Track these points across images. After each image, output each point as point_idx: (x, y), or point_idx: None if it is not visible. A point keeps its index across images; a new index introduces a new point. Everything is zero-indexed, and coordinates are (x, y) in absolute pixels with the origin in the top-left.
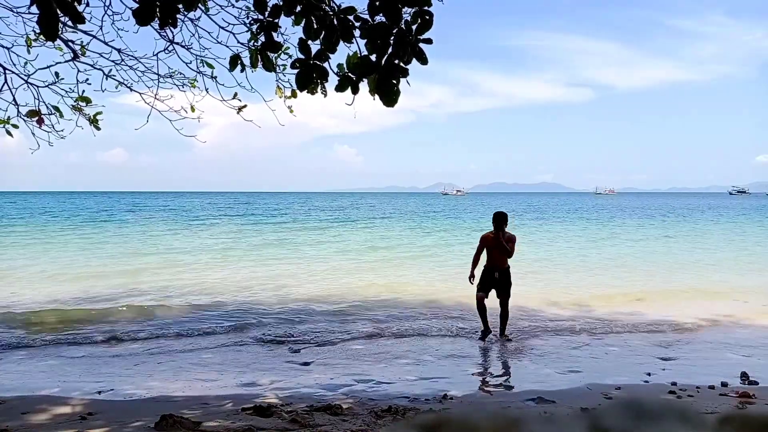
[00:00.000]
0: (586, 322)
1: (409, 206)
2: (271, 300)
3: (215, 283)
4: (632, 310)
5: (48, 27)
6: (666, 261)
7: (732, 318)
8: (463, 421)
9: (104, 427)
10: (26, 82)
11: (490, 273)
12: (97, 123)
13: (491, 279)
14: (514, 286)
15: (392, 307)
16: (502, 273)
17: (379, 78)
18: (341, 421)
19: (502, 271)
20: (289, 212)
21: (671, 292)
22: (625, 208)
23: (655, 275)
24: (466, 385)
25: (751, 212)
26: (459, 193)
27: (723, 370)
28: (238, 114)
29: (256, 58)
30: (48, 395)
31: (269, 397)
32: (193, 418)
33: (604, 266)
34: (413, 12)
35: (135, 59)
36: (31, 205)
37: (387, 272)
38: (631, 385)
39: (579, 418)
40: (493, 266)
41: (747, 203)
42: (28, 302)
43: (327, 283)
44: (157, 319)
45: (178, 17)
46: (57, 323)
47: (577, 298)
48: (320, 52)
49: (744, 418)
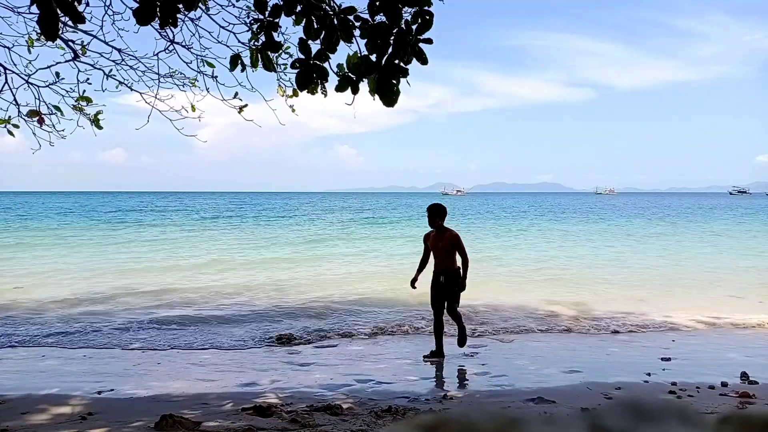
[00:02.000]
0: (586, 322)
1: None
2: (271, 300)
3: (215, 283)
4: (632, 310)
5: (48, 27)
6: (666, 261)
7: (732, 318)
8: (463, 421)
9: (104, 427)
10: (27, 82)
11: (436, 279)
12: (98, 122)
13: (438, 286)
14: None
15: (392, 307)
16: (448, 276)
17: (379, 78)
18: (341, 421)
19: (448, 273)
20: (305, 212)
21: (672, 291)
22: (629, 207)
23: (655, 275)
24: (466, 385)
25: (760, 212)
26: (459, 193)
27: (723, 370)
28: (239, 114)
29: (256, 57)
30: (48, 395)
31: (269, 397)
32: (193, 418)
33: (604, 266)
34: (413, 12)
35: (135, 59)
36: (52, 205)
37: (388, 272)
38: (631, 385)
39: (579, 418)
40: (437, 270)
41: (755, 203)
42: (29, 302)
43: (327, 283)
44: (157, 319)
45: (178, 17)
46: (57, 323)
47: (578, 298)
48: (320, 52)
49: (744, 418)
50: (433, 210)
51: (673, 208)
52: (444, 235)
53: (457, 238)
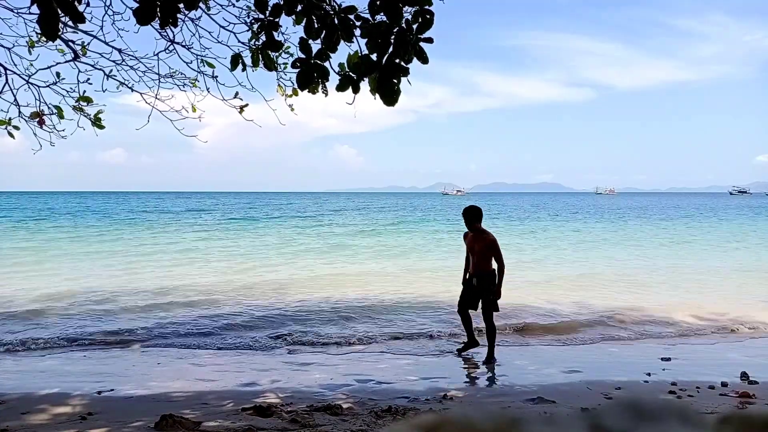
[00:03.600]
0: (586, 322)
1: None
2: (271, 300)
3: (215, 283)
4: (632, 310)
5: (48, 26)
6: (667, 261)
7: (732, 318)
8: (463, 421)
9: (104, 427)
10: (27, 82)
11: (469, 281)
12: (100, 122)
13: (470, 289)
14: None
15: (393, 307)
16: (481, 279)
17: (380, 77)
18: (341, 421)
19: (481, 276)
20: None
21: (672, 291)
22: (634, 208)
23: (656, 275)
24: (466, 385)
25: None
26: (459, 193)
27: (723, 370)
28: (240, 114)
29: (257, 56)
30: (48, 395)
31: (269, 397)
32: (193, 418)
33: (604, 266)
34: (414, 11)
35: (136, 59)
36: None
37: (389, 272)
38: (631, 385)
39: (579, 418)
40: (472, 272)
41: (756, 203)
42: (29, 302)
43: (328, 283)
44: (157, 319)
45: (178, 17)
46: (58, 322)
47: (578, 298)
48: (321, 52)
49: (744, 418)
50: (468, 213)
51: (690, 208)
52: (481, 237)
53: (494, 243)
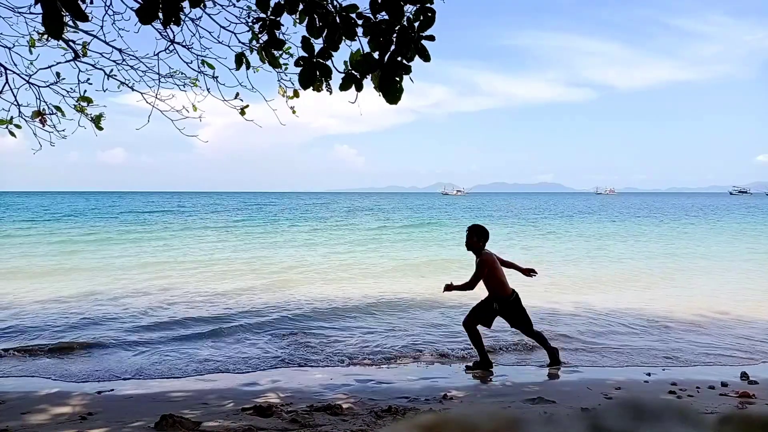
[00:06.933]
0: (586, 321)
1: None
2: (271, 300)
3: (215, 283)
4: (632, 310)
5: (52, 25)
6: (667, 261)
7: (732, 318)
8: (463, 421)
9: (104, 427)
10: (28, 82)
11: (489, 304)
12: (99, 123)
13: (491, 311)
14: None
15: (393, 307)
16: (502, 303)
17: (382, 75)
18: (341, 421)
19: (502, 300)
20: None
21: (672, 291)
22: (637, 207)
23: (656, 275)
24: (466, 385)
25: None
26: (459, 193)
27: (723, 370)
28: (241, 115)
29: (262, 54)
30: (48, 395)
31: (269, 397)
32: (193, 418)
33: (604, 266)
34: (415, 9)
35: (136, 59)
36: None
37: (389, 273)
38: (631, 385)
39: (579, 418)
40: (491, 297)
41: (756, 202)
42: (30, 301)
43: (327, 283)
44: (157, 319)
45: (180, 16)
46: (58, 322)
47: (578, 297)
48: (323, 50)
49: (744, 418)
50: (474, 232)
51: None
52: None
53: (482, 263)
